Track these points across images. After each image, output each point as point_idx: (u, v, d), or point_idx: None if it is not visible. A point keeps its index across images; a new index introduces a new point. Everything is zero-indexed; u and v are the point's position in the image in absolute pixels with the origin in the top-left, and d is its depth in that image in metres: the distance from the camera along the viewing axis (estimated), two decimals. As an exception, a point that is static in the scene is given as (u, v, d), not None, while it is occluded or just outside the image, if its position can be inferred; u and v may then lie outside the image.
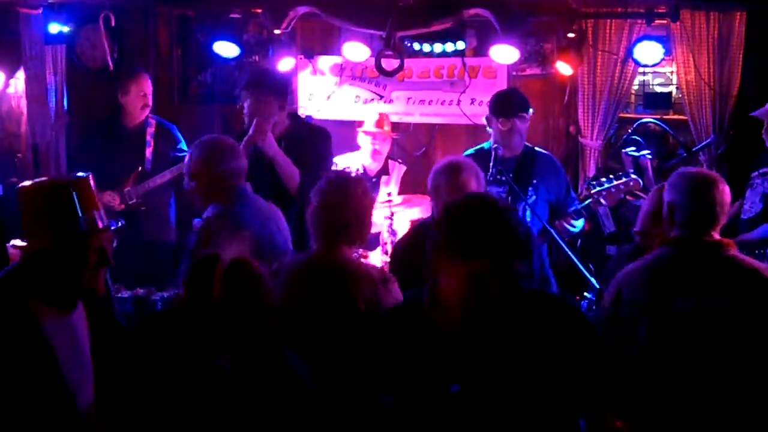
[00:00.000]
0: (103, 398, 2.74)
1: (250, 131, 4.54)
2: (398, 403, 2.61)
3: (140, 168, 5.56)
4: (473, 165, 3.80)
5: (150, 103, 5.64)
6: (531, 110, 4.87)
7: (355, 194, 3.31)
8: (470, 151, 4.95)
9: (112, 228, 2.72)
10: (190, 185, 3.99)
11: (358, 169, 5.57)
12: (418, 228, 4.17)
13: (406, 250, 3.97)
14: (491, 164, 4.66)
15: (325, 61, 6.46)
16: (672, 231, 3.28)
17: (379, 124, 5.76)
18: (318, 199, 3.34)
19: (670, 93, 6.11)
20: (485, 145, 4.90)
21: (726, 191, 3.24)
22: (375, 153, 5.71)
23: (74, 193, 2.65)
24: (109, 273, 4.20)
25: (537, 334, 2.54)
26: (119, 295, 4.34)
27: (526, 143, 4.92)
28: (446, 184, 3.67)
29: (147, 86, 5.61)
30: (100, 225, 2.68)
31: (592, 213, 4.81)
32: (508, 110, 4.74)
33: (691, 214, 3.22)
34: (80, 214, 2.64)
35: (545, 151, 5.04)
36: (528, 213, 4.71)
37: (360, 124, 5.98)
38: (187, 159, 4.03)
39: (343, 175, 3.78)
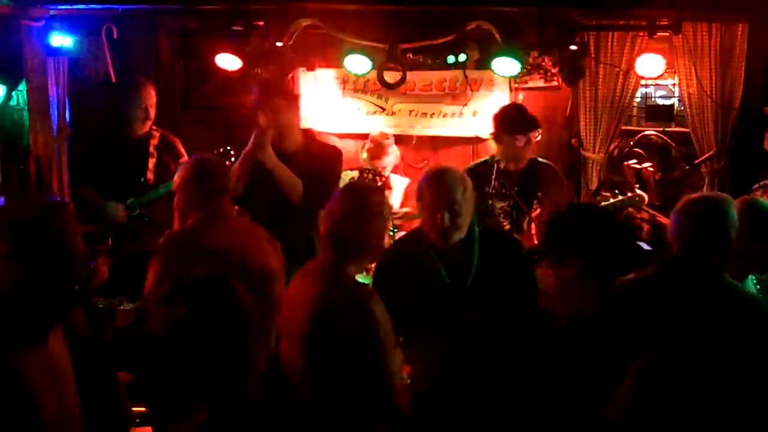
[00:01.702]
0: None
1: (249, 144, 4.52)
2: None
3: (143, 179, 5.55)
4: (460, 174, 3.74)
5: (152, 116, 5.61)
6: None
7: (371, 207, 3.27)
8: (472, 165, 4.95)
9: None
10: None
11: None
12: (403, 240, 4.04)
13: (391, 261, 3.76)
14: (493, 177, 4.66)
15: (327, 74, 6.46)
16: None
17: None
18: (332, 209, 3.30)
19: (672, 105, 6.12)
20: (487, 159, 4.89)
21: (727, 215, 3.12)
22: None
23: (46, 219, 2.56)
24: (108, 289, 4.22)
25: None
26: (122, 308, 4.33)
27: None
28: (429, 189, 3.61)
29: (149, 98, 5.59)
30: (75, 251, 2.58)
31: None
32: (524, 126, 4.73)
33: (681, 235, 3.16)
34: (54, 240, 2.53)
35: (547, 162, 5.03)
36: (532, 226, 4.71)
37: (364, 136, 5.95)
38: (176, 175, 4.00)
39: (360, 186, 3.69)
